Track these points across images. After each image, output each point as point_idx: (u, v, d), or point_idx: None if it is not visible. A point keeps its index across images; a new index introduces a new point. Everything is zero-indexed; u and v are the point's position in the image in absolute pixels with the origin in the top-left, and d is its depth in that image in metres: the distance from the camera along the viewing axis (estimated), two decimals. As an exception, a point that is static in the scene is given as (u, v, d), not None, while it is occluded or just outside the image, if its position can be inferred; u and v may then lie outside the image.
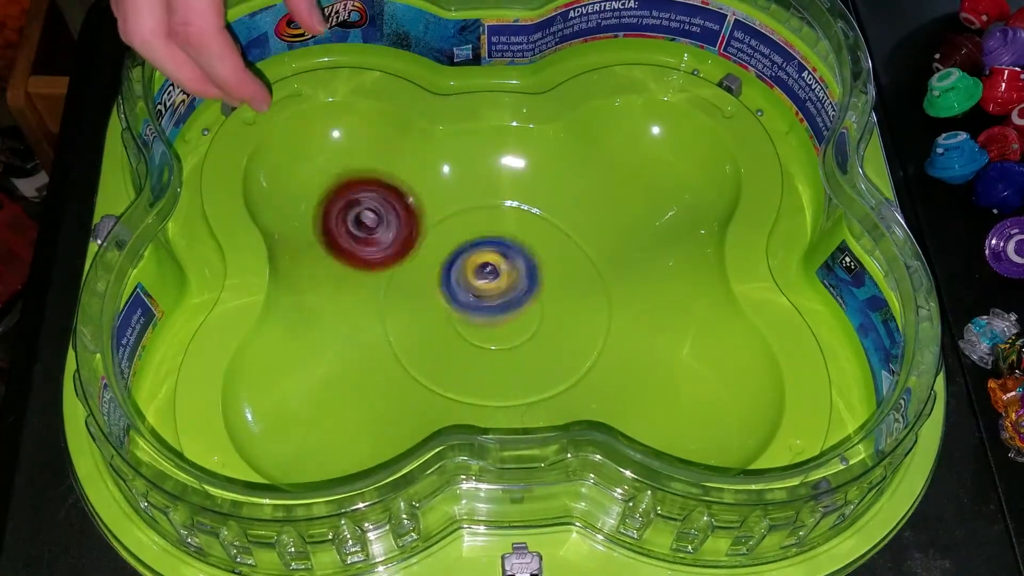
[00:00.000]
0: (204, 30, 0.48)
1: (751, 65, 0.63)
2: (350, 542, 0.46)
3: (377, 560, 0.48)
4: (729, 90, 0.63)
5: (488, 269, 0.60)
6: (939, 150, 0.62)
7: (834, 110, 0.57)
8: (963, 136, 0.62)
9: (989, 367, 0.56)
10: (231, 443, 0.51)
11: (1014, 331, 0.57)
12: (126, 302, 0.50)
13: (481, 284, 0.60)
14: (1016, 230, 0.59)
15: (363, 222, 0.59)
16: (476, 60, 0.63)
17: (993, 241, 0.60)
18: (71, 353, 0.52)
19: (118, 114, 0.57)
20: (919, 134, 0.64)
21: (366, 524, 0.45)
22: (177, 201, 0.53)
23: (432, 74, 0.63)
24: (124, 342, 0.50)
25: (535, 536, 0.49)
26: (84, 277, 0.53)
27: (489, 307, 0.60)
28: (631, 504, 0.46)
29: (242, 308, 0.55)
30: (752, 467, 0.50)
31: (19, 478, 0.51)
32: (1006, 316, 0.57)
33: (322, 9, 0.54)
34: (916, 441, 0.47)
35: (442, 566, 0.48)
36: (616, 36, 0.64)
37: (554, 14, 0.61)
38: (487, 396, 0.57)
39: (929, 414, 0.46)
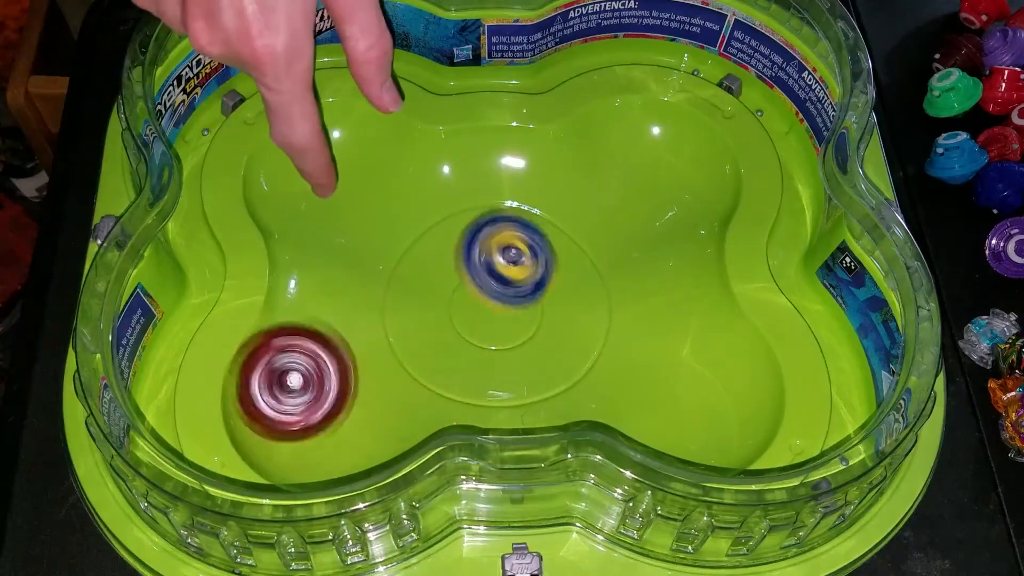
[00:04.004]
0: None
1: (751, 65, 0.63)
2: (350, 542, 0.46)
3: (377, 560, 0.48)
4: (729, 90, 0.63)
5: (513, 252, 0.56)
6: (939, 150, 0.62)
7: (834, 110, 0.57)
8: (963, 136, 0.62)
9: (989, 367, 0.56)
10: (231, 443, 0.50)
11: (1014, 331, 0.57)
12: (126, 302, 0.50)
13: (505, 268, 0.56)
14: (1016, 230, 0.59)
15: (287, 384, 0.52)
16: (476, 60, 0.63)
17: (993, 241, 0.60)
18: (71, 353, 0.52)
19: (118, 114, 0.58)
20: (919, 134, 0.64)
21: (366, 524, 0.45)
22: (177, 201, 0.53)
23: (432, 74, 0.63)
24: (124, 342, 0.50)
25: (535, 536, 0.49)
26: (84, 277, 0.53)
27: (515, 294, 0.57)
28: (631, 504, 0.46)
29: (242, 308, 0.55)
30: (752, 467, 0.50)
31: (19, 478, 0.51)
32: (1006, 316, 0.57)
33: (397, 86, 0.51)
34: (916, 441, 0.47)
35: (442, 566, 0.48)
36: (616, 36, 0.64)
37: (554, 14, 0.61)
38: (487, 396, 0.57)
39: (929, 414, 0.46)
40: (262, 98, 0.47)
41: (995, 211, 0.62)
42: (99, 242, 0.54)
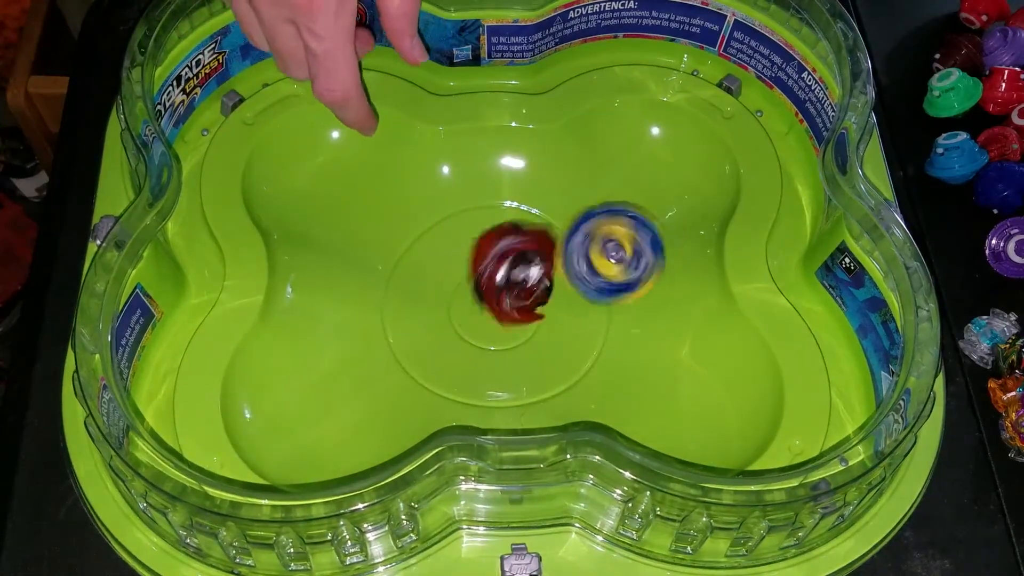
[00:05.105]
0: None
1: (751, 66, 0.63)
2: (349, 543, 0.46)
3: (376, 561, 0.48)
4: (729, 91, 0.63)
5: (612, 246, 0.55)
6: (939, 150, 0.62)
7: (834, 111, 0.57)
8: (963, 136, 0.62)
9: (989, 367, 0.56)
10: (230, 444, 0.51)
11: (1014, 331, 0.57)
12: (125, 302, 0.50)
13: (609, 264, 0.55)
14: (1016, 230, 0.59)
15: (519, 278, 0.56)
16: (476, 60, 0.63)
17: (993, 241, 0.60)
18: (71, 353, 0.52)
19: (117, 114, 0.58)
20: (919, 134, 0.64)
21: (365, 525, 0.45)
22: (176, 201, 0.53)
23: (432, 74, 0.63)
24: (123, 342, 0.50)
25: (534, 537, 0.49)
26: (83, 278, 0.53)
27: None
28: (630, 505, 0.46)
29: (241, 309, 0.55)
30: (751, 468, 0.50)
31: (19, 478, 0.51)
32: (1006, 316, 0.57)
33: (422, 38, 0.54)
34: (916, 442, 0.47)
35: (441, 567, 0.48)
36: (616, 37, 0.64)
37: (554, 15, 0.61)
38: (486, 397, 0.57)
39: (928, 415, 0.46)
40: (306, 50, 0.49)
41: (995, 211, 0.61)
42: (98, 242, 0.54)
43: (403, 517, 0.46)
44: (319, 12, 0.47)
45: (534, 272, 0.56)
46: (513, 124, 0.63)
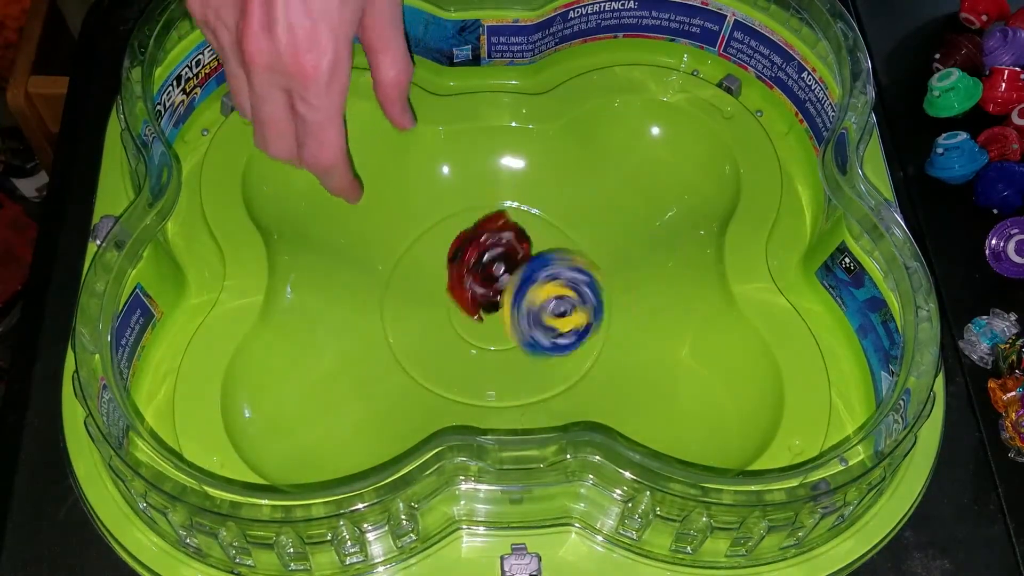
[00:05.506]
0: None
1: (751, 66, 0.63)
2: (349, 543, 0.46)
3: (376, 561, 0.48)
4: (729, 91, 0.63)
5: (563, 309, 0.54)
6: (939, 150, 0.62)
7: (834, 111, 0.57)
8: (963, 136, 0.62)
9: (989, 367, 0.56)
10: (230, 444, 0.50)
11: (1014, 331, 0.57)
12: (125, 302, 0.50)
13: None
14: (1016, 230, 0.59)
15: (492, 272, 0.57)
16: (476, 61, 0.63)
17: (993, 241, 0.60)
18: (71, 353, 0.52)
19: (117, 114, 0.58)
20: (919, 134, 0.64)
21: (365, 525, 0.45)
22: (176, 201, 0.53)
23: (432, 75, 0.63)
24: (123, 342, 0.50)
25: (534, 537, 0.49)
26: (83, 278, 0.53)
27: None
28: (630, 505, 0.46)
29: (241, 309, 0.55)
30: (751, 468, 0.50)
31: (19, 478, 0.51)
32: (1006, 316, 0.57)
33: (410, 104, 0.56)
34: (915, 442, 0.47)
35: (441, 567, 0.48)
36: (616, 37, 0.64)
37: (554, 15, 0.61)
38: (486, 397, 0.57)
39: (928, 415, 0.46)
40: (297, 118, 0.49)
41: (995, 211, 0.62)
42: (98, 242, 0.54)
43: (403, 517, 0.46)
44: (311, 80, 0.47)
45: (505, 281, 0.56)
46: (513, 124, 0.63)
